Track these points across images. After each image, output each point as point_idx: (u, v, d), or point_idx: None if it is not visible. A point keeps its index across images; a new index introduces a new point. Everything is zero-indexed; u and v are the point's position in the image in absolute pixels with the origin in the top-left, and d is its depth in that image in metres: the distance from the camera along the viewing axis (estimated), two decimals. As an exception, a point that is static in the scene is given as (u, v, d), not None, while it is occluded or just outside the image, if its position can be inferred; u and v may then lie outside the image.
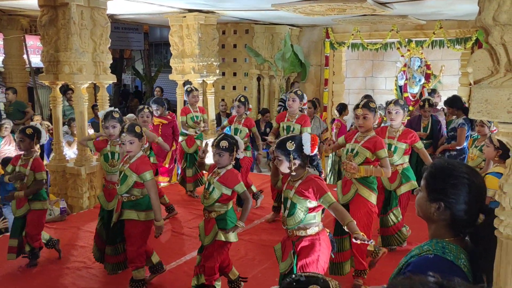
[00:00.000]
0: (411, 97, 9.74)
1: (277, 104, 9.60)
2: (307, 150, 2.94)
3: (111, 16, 7.62)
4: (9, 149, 6.96)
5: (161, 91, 11.78)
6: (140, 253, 3.75)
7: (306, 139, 2.95)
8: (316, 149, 3.04)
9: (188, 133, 6.46)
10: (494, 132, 5.84)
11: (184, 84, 8.46)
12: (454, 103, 6.54)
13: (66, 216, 5.55)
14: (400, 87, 9.70)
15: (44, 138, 4.40)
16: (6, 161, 6.08)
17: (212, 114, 8.57)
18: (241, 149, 3.54)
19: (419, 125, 6.63)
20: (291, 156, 2.91)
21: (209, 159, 3.74)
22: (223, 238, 3.41)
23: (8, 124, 7.01)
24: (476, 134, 5.70)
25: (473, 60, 1.59)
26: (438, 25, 8.77)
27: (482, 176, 4.01)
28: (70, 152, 6.89)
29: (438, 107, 8.50)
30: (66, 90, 8.51)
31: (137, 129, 3.63)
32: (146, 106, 5.71)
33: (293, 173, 2.96)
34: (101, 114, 4.30)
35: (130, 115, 9.60)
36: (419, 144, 4.48)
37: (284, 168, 2.96)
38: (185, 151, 6.46)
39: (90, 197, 6.01)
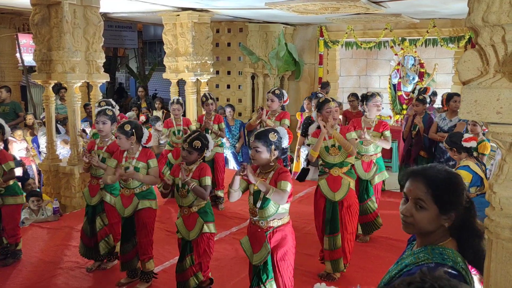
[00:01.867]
0: (404, 96, 9.78)
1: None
2: (285, 143, 3.10)
3: (104, 15, 7.59)
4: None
5: (145, 91, 11.60)
6: (151, 242, 3.91)
7: (284, 132, 3.11)
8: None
9: (175, 141, 6.21)
10: (485, 131, 5.88)
11: (178, 83, 8.46)
12: None
13: (59, 216, 5.52)
14: (394, 85, 9.73)
15: (9, 133, 4.49)
16: None
17: (206, 112, 8.56)
18: (210, 149, 3.60)
19: (412, 123, 6.63)
20: (273, 147, 2.98)
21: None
22: (208, 230, 3.48)
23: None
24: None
25: (463, 61, 1.59)
26: (431, 23, 8.80)
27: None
28: (65, 151, 6.86)
29: (435, 106, 8.56)
30: (59, 89, 8.46)
31: (126, 127, 3.73)
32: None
33: (271, 163, 3.04)
34: (97, 110, 4.39)
35: (131, 113, 9.63)
36: (387, 133, 4.74)
37: (262, 158, 3.00)
38: (170, 162, 6.27)
39: (83, 197, 5.99)
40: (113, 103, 5.62)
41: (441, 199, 1.56)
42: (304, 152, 7.20)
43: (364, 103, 4.86)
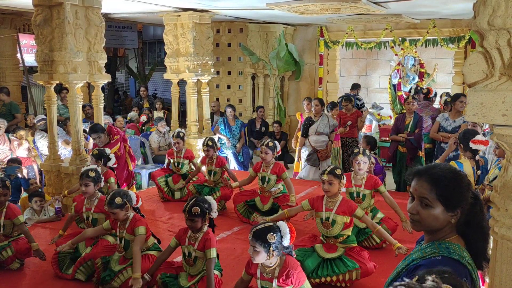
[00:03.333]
0: (404, 96, 9.80)
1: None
2: (286, 242, 2.92)
3: (105, 15, 7.60)
4: (3, 148, 6.94)
5: (147, 90, 11.60)
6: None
7: (285, 231, 2.92)
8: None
9: (175, 171, 6.38)
10: (486, 130, 5.90)
11: (178, 83, 8.47)
12: None
13: (61, 216, 5.54)
14: (394, 85, 9.77)
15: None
16: (10, 161, 6.08)
17: (207, 113, 8.59)
18: (214, 210, 3.53)
19: (403, 124, 6.76)
20: (271, 248, 2.83)
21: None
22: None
23: (2, 124, 6.97)
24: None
25: (468, 63, 1.61)
26: (431, 24, 8.82)
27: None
28: (66, 152, 6.87)
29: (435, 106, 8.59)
30: (60, 89, 8.47)
31: (118, 200, 3.66)
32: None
33: (270, 264, 2.95)
34: (83, 169, 4.39)
35: (132, 114, 9.64)
36: (382, 188, 4.66)
37: (261, 259, 2.89)
38: (170, 186, 6.35)
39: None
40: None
41: (445, 196, 1.60)
42: (304, 152, 7.22)
43: (350, 158, 4.86)
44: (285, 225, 2.94)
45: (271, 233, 2.82)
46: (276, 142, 5.43)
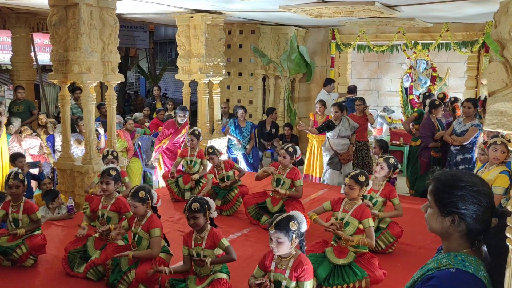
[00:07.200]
0: (416, 99, 9.77)
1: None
2: (304, 228, 2.98)
3: (118, 16, 7.66)
4: (16, 146, 7.02)
5: (160, 90, 11.61)
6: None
7: (301, 218, 2.97)
8: None
9: (188, 170, 6.38)
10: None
11: (189, 84, 8.52)
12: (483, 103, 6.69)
13: (73, 214, 5.59)
14: (406, 89, 9.73)
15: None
16: (15, 156, 6.15)
17: (218, 114, 8.62)
18: (213, 208, 3.55)
19: (435, 129, 6.58)
20: (294, 235, 2.88)
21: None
22: (220, 276, 3.53)
23: (16, 122, 7.07)
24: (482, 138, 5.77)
25: (488, 72, 1.61)
26: (444, 28, 8.78)
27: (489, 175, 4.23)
28: (78, 150, 6.93)
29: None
30: (73, 89, 8.56)
31: (141, 194, 3.71)
32: None
33: (293, 252, 2.97)
34: (102, 168, 4.44)
35: (138, 114, 9.66)
36: (396, 200, 4.61)
37: (285, 249, 2.91)
38: (180, 187, 6.35)
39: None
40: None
41: (438, 200, 1.67)
42: (326, 157, 7.22)
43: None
44: (299, 213, 3.02)
45: (293, 221, 2.89)
46: (297, 147, 5.37)
